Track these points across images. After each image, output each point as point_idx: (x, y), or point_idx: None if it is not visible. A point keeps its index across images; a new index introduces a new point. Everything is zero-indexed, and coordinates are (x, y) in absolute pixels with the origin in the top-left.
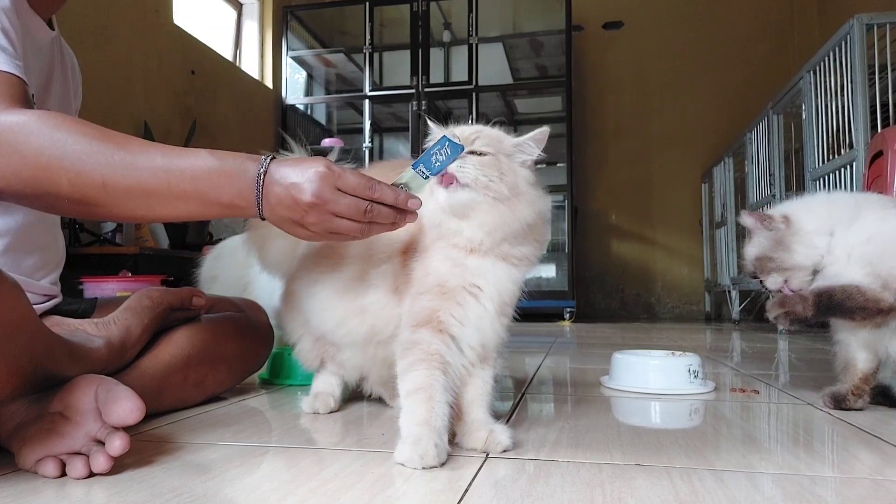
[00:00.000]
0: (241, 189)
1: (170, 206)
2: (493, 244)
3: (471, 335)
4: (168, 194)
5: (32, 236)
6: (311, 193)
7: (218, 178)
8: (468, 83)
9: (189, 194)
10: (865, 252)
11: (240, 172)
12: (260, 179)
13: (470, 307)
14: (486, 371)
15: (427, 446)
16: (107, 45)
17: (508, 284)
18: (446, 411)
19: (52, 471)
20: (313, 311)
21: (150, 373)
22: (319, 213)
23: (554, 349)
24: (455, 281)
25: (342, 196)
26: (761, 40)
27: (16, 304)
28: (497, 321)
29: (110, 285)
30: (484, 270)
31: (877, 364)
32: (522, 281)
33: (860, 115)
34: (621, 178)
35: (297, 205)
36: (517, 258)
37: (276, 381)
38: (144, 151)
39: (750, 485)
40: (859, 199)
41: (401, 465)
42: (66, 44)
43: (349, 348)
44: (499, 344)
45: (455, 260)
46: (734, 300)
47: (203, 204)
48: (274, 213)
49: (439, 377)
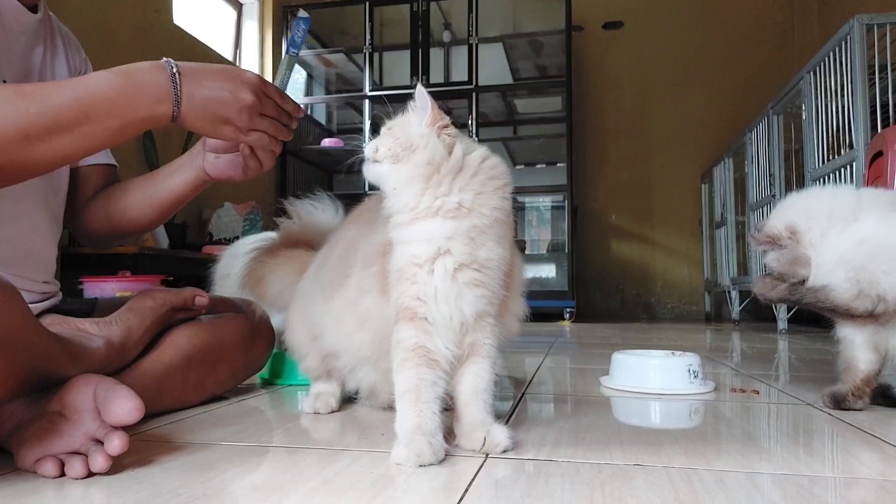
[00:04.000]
0: (157, 98)
1: (94, 137)
2: (414, 196)
3: (438, 311)
4: (87, 122)
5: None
6: (253, 93)
7: (131, 91)
8: (468, 83)
9: (107, 115)
10: (854, 256)
11: (150, 79)
12: (175, 80)
13: (422, 279)
14: (478, 364)
15: (421, 446)
16: (107, 45)
17: (456, 242)
18: (436, 409)
19: (51, 470)
20: (326, 328)
21: (150, 373)
22: (252, 113)
23: (554, 349)
24: (403, 259)
25: (268, 100)
26: (761, 40)
27: (11, 306)
28: (467, 289)
29: (110, 285)
30: (417, 234)
31: (879, 366)
32: (482, 234)
33: (860, 115)
34: (621, 177)
35: (234, 106)
36: (452, 210)
37: (277, 382)
38: (53, 90)
39: (750, 485)
40: (863, 198)
41: (398, 465)
42: (65, 26)
43: (362, 366)
44: (483, 322)
45: (399, 239)
46: (734, 300)
47: (124, 122)
48: (198, 114)
49: (426, 374)
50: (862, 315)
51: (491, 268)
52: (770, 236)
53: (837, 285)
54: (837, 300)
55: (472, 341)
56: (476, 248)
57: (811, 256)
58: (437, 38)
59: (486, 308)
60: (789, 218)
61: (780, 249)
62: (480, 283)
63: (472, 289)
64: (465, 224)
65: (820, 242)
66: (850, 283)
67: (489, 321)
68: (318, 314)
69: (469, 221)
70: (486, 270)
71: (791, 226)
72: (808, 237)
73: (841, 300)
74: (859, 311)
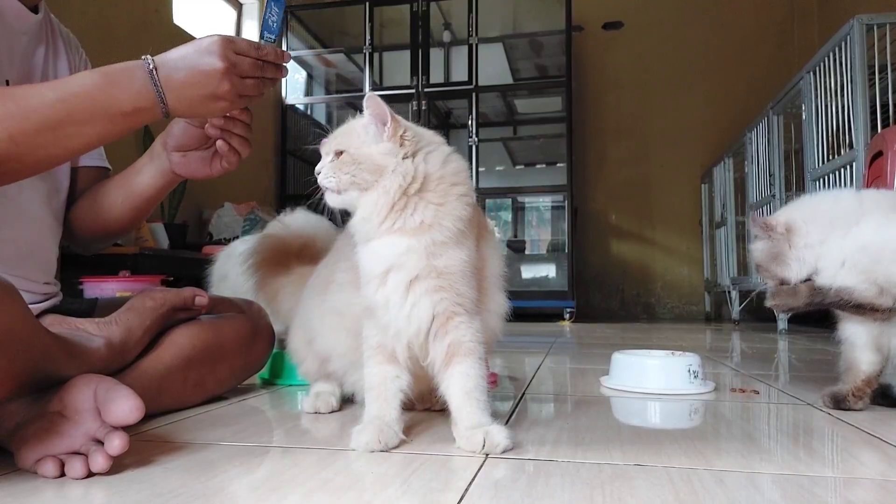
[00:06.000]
0: (138, 91)
1: (79, 135)
2: (379, 225)
3: (392, 319)
4: (71, 122)
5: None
6: (220, 58)
7: (110, 89)
8: (468, 83)
9: (90, 114)
10: (860, 261)
11: (128, 76)
12: (154, 74)
13: (374, 289)
14: (463, 363)
15: (371, 435)
16: (107, 45)
17: (411, 257)
18: (398, 402)
19: (52, 470)
20: (318, 331)
21: (150, 373)
22: (231, 77)
23: (554, 349)
24: (367, 265)
25: (241, 58)
26: (761, 40)
27: (11, 306)
28: (425, 297)
29: (110, 285)
30: (379, 249)
31: (881, 367)
32: (442, 245)
33: (860, 115)
34: (621, 178)
35: (210, 77)
36: (413, 227)
37: (277, 382)
38: (34, 92)
39: (750, 485)
40: (864, 201)
41: (352, 449)
42: (65, 27)
43: (353, 371)
44: (455, 322)
45: (365, 247)
46: (734, 300)
47: (107, 119)
48: (184, 100)
49: (389, 370)
50: (887, 310)
51: (452, 272)
52: (767, 224)
53: (856, 286)
54: (862, 299)
55: (451, 341)
56: (434, 259)
57: (804, 257)
58: (437, 38)
59: (452, 308)
60: (790, 216)
61: (767, 240)
62: (440, 289)
63: (430, 295)
64: (424, 240)
65: (818, 247)
66: (867, 283)
67: (462, 319)
68: (310, 318)
69: (428, 237)
70: (446, 276)
71: (789, 223)
72: (805, 240)
73: (866, 299)
74: (884, 306)
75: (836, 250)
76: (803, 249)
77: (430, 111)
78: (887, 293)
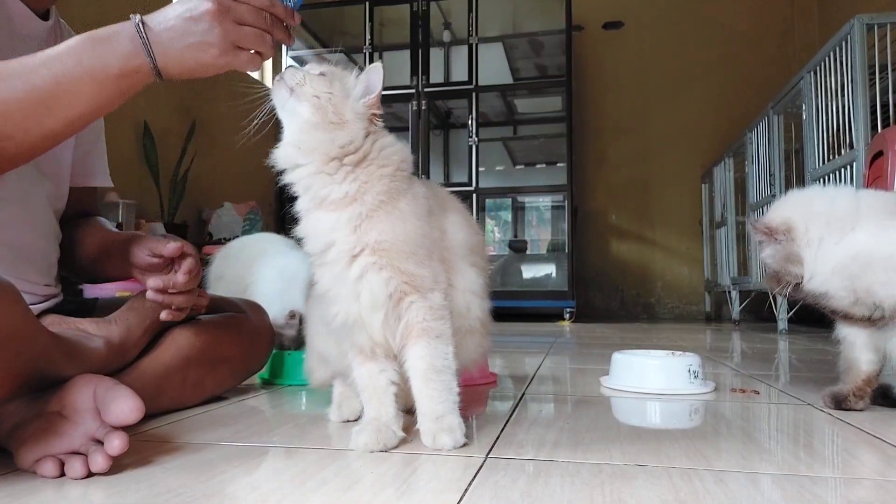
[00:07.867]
0: (126, 49)
1: (72, 104)
2: (305, 155)
3: (342, 305)
4: (61, 90)
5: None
6: None
7: (98, 49)
8: (468, 83)
9: (80, 80)
10: (849, 268)
11: (114, 34)
12: (140, 28)
13: (319, 271)
14: (417, 346)
15: (369, 436)
16: None
17: (339, 232)
18: (391, 397)
19: (51, 470)
20: (315, 342)
21: (150, 373)
22: (223, 21)
23: (554, 349)
24: (308, 247)
25: (238, 4)
26: (761, 40)
27: (11, 306)
28: (371, 273)
29: (110, 285)
30: (308, 227)
31: (880, 367)
32: (369, 219)
33: (860, 115)
34: (621, 177)
35: (198, 21)
36: (337, 200)
37: (277, 382)
38: (19, 65)
39: (750, 485)
40: (861, 203)
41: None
42: (74, 32)
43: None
44: (407, 302)
45: (302, 226)
46: (734, 300)
47: (98, 84)
48: (174, 53)
49: (371, 367)
50: (861, 319)
51: (387, 249)
52: (768, 227)
53: (835, 293)
54: (836, 306)
55: (405, 322)
56: (363, 234)
57: (804, 256)
58: (437, 38)
59: (402, 288)
60: (786, 215)
61: (775, 244)
62: (382, 266)
63: (375, 272)
64: (346, 214)
65: (816, 247)
66: (846, 291)
67: (413, 299)
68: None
69: (351, 210)
70: (385, 252)
71: (787, 223)
72: (805, 238)
73: (839, 306)
74: (857, 315)
75: (830, 256)
76: (805, 248)
77: (430, 111)
78: (862, 303)
